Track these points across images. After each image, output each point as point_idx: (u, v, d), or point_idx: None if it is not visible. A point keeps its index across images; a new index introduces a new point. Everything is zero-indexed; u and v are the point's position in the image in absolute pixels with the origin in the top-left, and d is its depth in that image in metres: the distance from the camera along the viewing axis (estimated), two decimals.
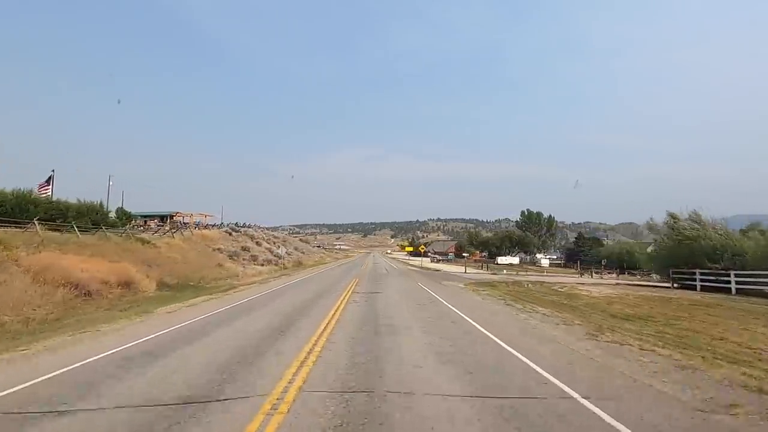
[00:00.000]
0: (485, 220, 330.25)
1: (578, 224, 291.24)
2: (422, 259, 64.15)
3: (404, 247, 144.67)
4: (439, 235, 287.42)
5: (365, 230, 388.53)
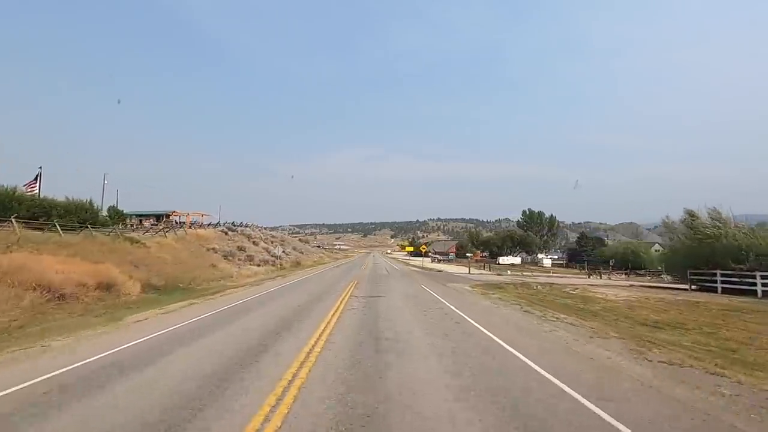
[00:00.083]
0: (485, 220, 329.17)
1: (578, 224, 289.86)
2: (423, 259, 62.86)
3: (404, 247, 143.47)
4: (439, 235, 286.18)
5: (365, 230, 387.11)
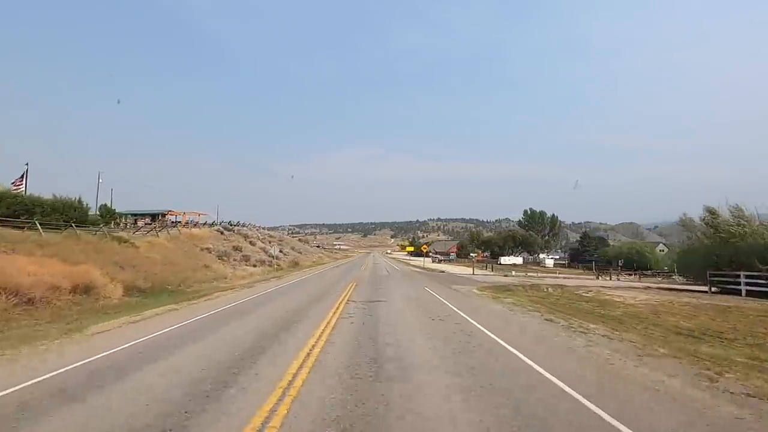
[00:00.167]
0: (485, 220, 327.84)
1: (578, 224, 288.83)
2: (424, 259, 61.58)
3: (405, 247, 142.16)
4: (439, 235, 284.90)
5: (365, 230, 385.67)
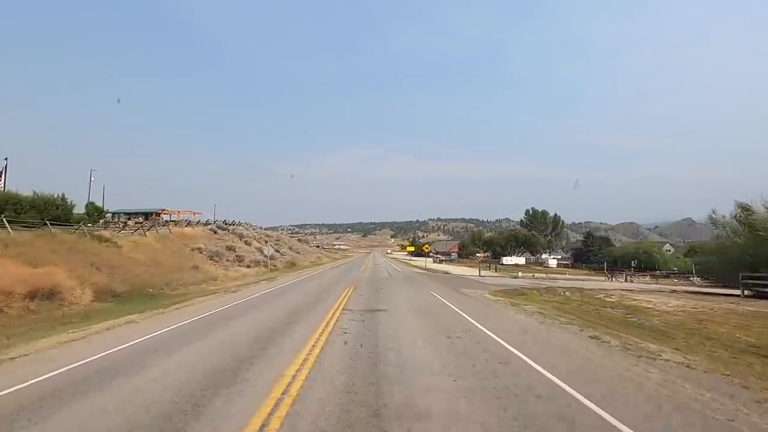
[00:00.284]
0: (485, 219, 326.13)
1: (578, 224, 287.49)
2: (426, 259, 59.79)
3: (405, 247, 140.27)
4: (439, 234, 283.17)
5: (365, 230, 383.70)
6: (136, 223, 42.22)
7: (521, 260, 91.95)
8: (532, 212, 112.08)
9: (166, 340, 7.67)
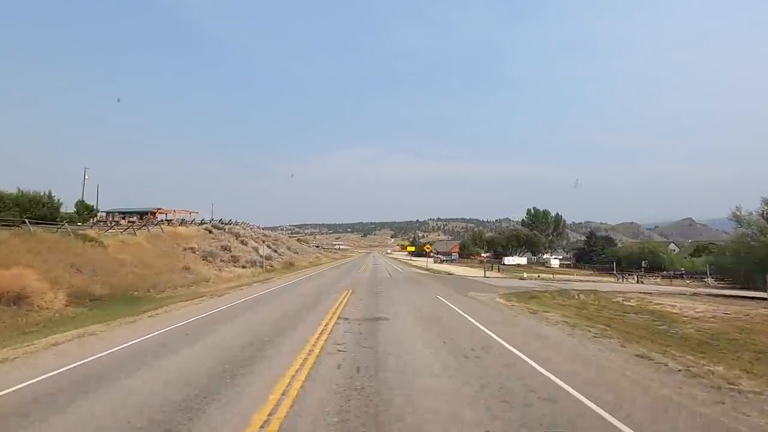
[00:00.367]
0: (485, 219, 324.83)
1: (578, 224, 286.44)
2: (427, 259, 58.55)
3: (405, 246, 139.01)
4: (439, 234, 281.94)
5: (365, 230, 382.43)
6: (128, 222, 41.00)
7: (523, 260, 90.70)
8: (533, 212, 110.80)
9: (107, 366, 5.86)
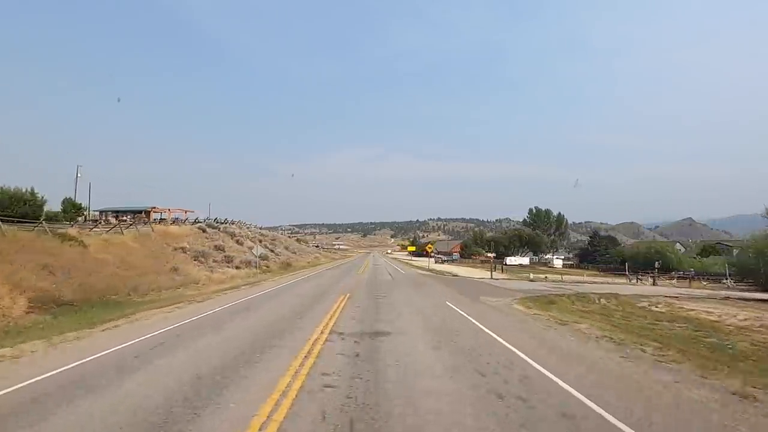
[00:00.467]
0: (486, 219, 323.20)
1: (579, 224, 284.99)
2: (429, 260, 57.03)
3: (406, 246, 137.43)
4: (439, 234, 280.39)
5: (365, 230, 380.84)
6: (119, 221, 39.49)
7: (525, 260, 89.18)
8: (535, 211, 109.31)
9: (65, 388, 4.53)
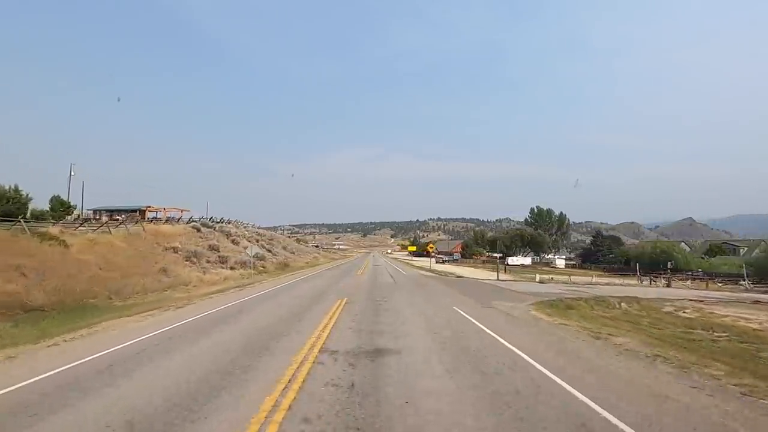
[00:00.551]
0: (486, 219, 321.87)
1: (579, 224, 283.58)
2: (430, 260, 55.77)
3: (406, 246, 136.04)
4: (439, 234, 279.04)
5: (365, 230, 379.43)
6: (111, 219, 38.25)
7: (527, 261, 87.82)
8: (537, 211, 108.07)
9: None
